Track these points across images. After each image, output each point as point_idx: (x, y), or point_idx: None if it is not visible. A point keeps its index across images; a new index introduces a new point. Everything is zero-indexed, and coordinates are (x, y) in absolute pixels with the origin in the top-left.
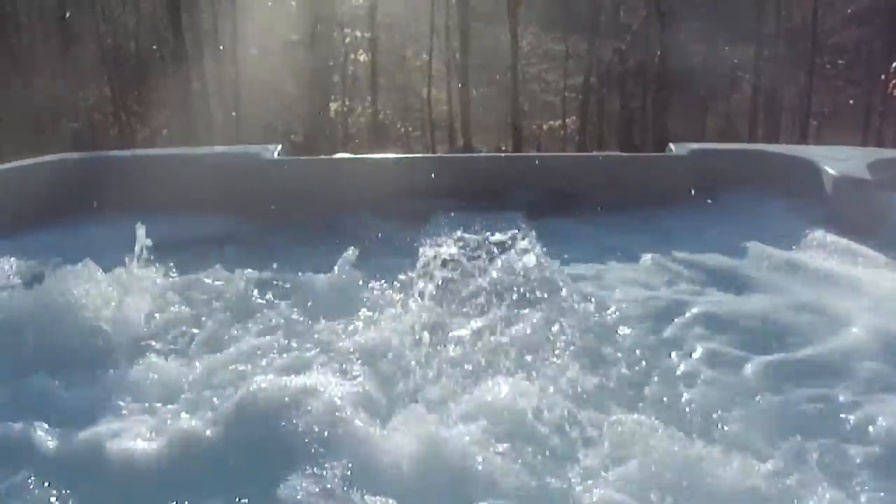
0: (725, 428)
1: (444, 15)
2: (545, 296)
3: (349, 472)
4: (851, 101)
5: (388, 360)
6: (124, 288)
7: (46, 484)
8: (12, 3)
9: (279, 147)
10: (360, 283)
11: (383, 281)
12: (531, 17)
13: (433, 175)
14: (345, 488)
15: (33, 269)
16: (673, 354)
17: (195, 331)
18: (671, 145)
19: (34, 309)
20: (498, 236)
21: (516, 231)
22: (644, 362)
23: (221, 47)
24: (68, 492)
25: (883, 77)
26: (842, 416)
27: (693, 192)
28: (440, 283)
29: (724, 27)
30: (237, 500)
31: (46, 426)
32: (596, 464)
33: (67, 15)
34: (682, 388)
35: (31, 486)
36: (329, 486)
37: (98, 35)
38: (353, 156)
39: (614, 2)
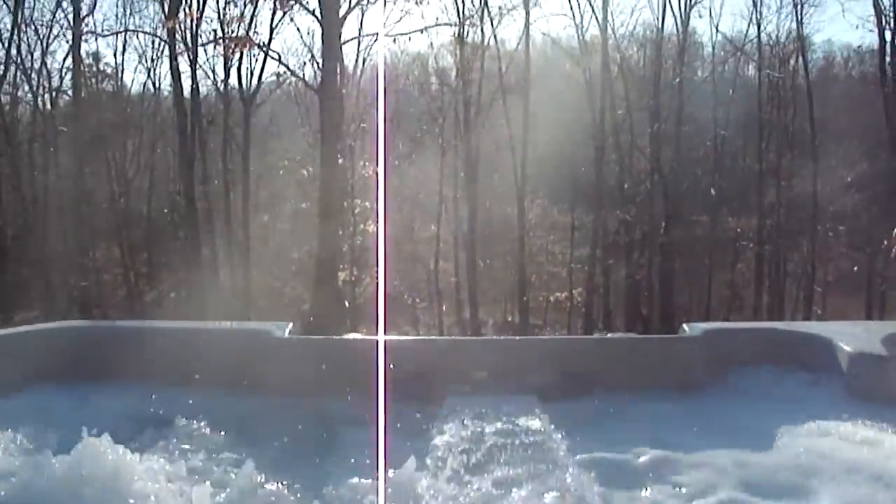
0: None
1: (452, 187)
2: (557, 482)
3: None
4: (856, 268)
5: None
6: (122, 464)
7: None
8: (30, 158)
9: (290, 325)
10: (372, 464)
11: (397, 465)
12: (538, 188)
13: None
14: None
15: (35, 434)
16: None
17: None
18: (685, 325)
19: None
20: (512, 420)
21: (530, 414)
22: None
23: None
24: None
25: (885, 242)
26: None
27: (708, 373)
28: (454, 467)
29: (727, 197)
30: None
31: None
32: None
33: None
34: None
35: None
36: None
37: (111, 196)
38: (364, 337)
39: (619, 174)
